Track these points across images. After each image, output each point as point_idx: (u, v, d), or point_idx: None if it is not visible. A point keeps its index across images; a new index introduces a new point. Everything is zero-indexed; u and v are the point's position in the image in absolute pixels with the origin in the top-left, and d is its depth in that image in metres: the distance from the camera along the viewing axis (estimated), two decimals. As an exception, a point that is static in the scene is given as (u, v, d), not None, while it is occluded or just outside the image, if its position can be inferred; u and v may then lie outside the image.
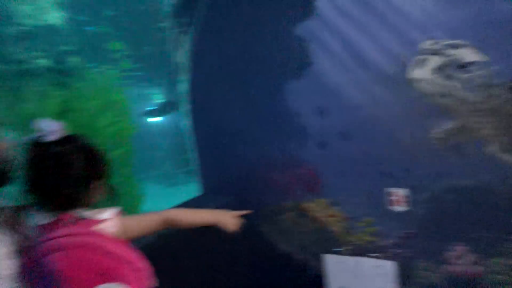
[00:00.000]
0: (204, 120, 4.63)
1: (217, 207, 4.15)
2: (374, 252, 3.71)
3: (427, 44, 2.26)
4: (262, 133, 4.12)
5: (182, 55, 4.69)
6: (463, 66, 2.11)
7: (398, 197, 3.54)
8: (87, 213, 1.44)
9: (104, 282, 1.25)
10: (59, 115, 8.52)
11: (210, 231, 4.12)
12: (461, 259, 3.33)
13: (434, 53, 2.14)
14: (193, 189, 5.44)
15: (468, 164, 3.12)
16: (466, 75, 2.09)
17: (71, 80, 9.12)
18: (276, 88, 3.87)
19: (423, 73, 2.15)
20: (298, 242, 4.16)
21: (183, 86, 4.75)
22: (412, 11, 2.97)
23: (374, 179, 3.57)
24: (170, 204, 3.89)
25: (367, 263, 3.80)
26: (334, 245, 3.94)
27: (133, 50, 10.13)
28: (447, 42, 2.21)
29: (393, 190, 3.55)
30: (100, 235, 1.37)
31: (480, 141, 2.92)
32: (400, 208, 3.55)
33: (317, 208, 4.04)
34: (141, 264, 1.43)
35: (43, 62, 8.57)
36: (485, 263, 3.18)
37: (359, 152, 3.61)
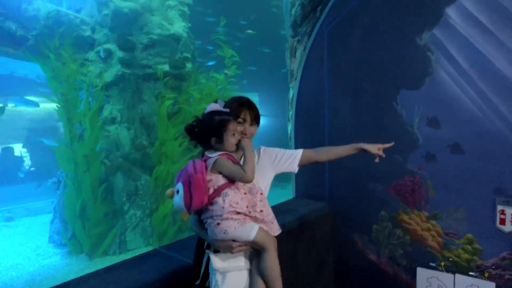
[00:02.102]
0: (306, 126, 4.81)
1: (308, 212, 4.30)
2: (472, 271, 3.60)
3: None
4: (367, 141, 4.21)
5: (295, 63, 5.04)
6: None
7: (509, 216, 3.42)
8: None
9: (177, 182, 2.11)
10: (171, 116, 9.36)
11: (302, 235, 4.28)
12: None
13: None
14: (287, 193, 5.63)
15: None
16: None
17: (185, 84, 10.02)
18: (390, 97, 3.93)
19: None
20: (390, 253, 4.13)
21: (291, 93, 5.01)
22: None
23: (483, 195, 3.46)
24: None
25: (464, 281, 3.63)
26: (429, 259, 3.84)
27: (246, 58, 10.74)
28: None
29: (504, 208, 3.44)
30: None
31: None
32: (509, 227, 3.40)
33: (415, 220, 4.01)
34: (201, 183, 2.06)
35: (163, 67, 9.49)
36: None
37: (471, 167, 3.54)
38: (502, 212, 3.36)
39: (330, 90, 4.43)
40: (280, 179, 4.64)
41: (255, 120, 2.36)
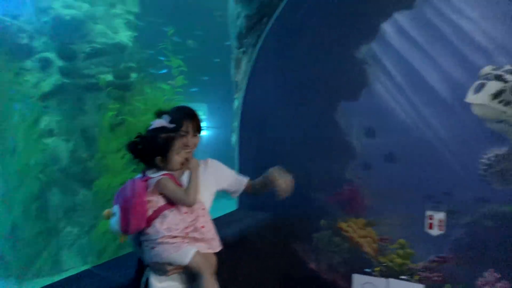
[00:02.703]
0: (251, 137, 4.81)
1: (251, 223, 4.31)
2: (405, 275, 3.76)
3: (488, 70, 2.49)
4: (308, 151, 4.30)
5: (240, 74, 5.09)
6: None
7: (437, 221, 3.65)
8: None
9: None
10: (114, 127, 9.08)
11: (244, 248, 4.27)
12: (491, 286, 3.35)
13: (494, 78, 2.34)
14: (230, 204, 5.60)
15: (511, 190, 3.23)
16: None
17: (130, 95, 9.79)
18: (331, 108, 4.05)
19: (481, 98, 2.32)
20: (329, 260, 4.21)
21: (236, 104, 5.02)
22: (475, 36, 3.19)
23: (414, 201, 3.65)
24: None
25: (396, 285, 3.80)
26: (365, 265, 3.98)
27: (192, 68, 10.73)
28: (507, 68, 2.44)
29: (432, 213, 3.66)
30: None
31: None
32: (437, 231, 3.64)
33: (353, 227, 4.15)
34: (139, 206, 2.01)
35: (106, 77, 9.25)
36: (519, 291, 3.21)
37: (403, 175, 3.72)
38: (430, 217, 3.57)
39: (275, 102, 4.50)
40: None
41: (198, 130, 2.32)
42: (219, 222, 2.26)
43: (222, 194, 2.65)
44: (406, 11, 3.52)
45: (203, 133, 2.38)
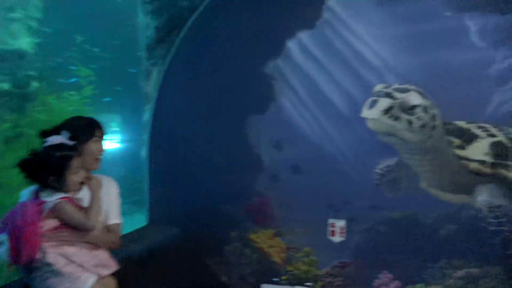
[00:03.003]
0: (161, 150, 4.71)
1: (161, 238, 4.22)
2: (310, 281, 3.93)
3: (379, 87, 2.75)
4: (219, 164, 4.31)
5: (150, 86, 5.04)
6: (409, 109, 2.56)
7: (338, 228, 3.88)
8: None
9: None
10: (10, 140, 8.30)
11: (153, 264, 4.15)
12: (386, 286, 3.61)
13: (385, 95, 2.59)
14: (139, 220, 5.40)
15: (400, 198, 3.53)
16: (410, 117, 2.56)
17: (30, 105, 9.05)
18: (240, 122, 4.14)
19: (374, 113, 2.54)
20: (240, 272, 4.23)
21: (146, 116, 4.85)
22: (370, 57, 3.52)
23: (318, 210, 3.84)
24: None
25: (301, 291, 3.97)
26: (274, 275, 4.06)
27: (105, 77, 10.25)
28: (396, 86, 2.71)
29: (334, 221, 3.89)
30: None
31: (414, 177, 3.45)
32: (338, 238, 3.87)
33: (263, 238, 4.25)
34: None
35: (2, 86, 8.49)
36: (409, 290, 3.56)
37: (308, 185, 3.90)
38: (333, 225, 3.79)
39: (186, 114, 4.46)
40: (138, 203, 4.46)
41: (101, 138, 2.13)
42: (126, 239, 2.13)
43: (130, 209, 2.55)
44: (309, 31, 3.77)
45: (115, 146, 2.23)
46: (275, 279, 4.03)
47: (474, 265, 3.33)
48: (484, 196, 2.84)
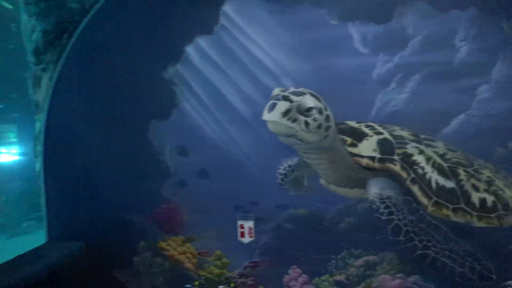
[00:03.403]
0: (57, 162, 4.39)
1: (62, 256, 3.95)
2: (223, 284, 3.95)
3: (277, 91, 2.82)
4: (123, 173, 4.15)
5: (41, 93, 4.67)
6: (305, 111, 2.67)
7: (247, 229, 3.95)
8: None
9: None
10: None
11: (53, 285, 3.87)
12: (295, 281, 3.78)
13: (283, 98, 2.67)
14: (40, 238, 5.01)
15: (304, 195, 3.72)
16: (307, 118, 2.67)
17: None
18: (143, 128, 4.01)
19: (274, 116, 2.61)
20: (152, 283, 4.13)
21: (38, 126, 4.48)
22: (267, 62, 3.64)
23: (227, 213, 3.88)
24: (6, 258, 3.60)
25: (216, 294, 4.00)
26: (187, 281, 4.03)
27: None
28: (292, 90, 2.80)
29: (243, 222, 3.96)
30: None
31: (314, 175, 3.60)
32: (248, 239, 3.95)
33: (173, 245, 4.18)
34: None
35: None
36: (315, 282, 3.70)
37: (216, 189, 3.90)
38: (242, 226, 3.86)
39: (84, 122, 4.21)
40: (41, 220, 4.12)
41: None
42: (20, 261, 1.95)
43: (32, 227, 2.32)
44: (207, 36, 3.78)
45: (14, 158, 2.03)
46: (187, 286, 4.00)
47: (371, 253, 3.61)
48: (375, 189, 3.07)
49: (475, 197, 2.88)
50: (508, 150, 3.30)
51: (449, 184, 2.90)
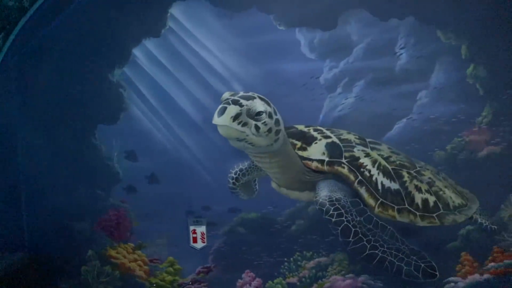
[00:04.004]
0: None
1: (4, 268, 3.75)
2: (175, 290, 3.90)
3: (227, 95, 2.80)
4: (69, 179, 3.99)
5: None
6: (255, 115, 2.67)
7: (199, 234, 3.90)
8: None
9: None
10: None
11: None
12: (249, 285, 3.76)
13: (233, 103, 2.66)
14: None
15: (255, 199, 3.65)
16: (257, 123, 2.67)
17: None
18: (89, 132, 3.91)
19: (224, 120, 2.59)
20: (100, 293, 4.05)
21: None
22: (216, 66, 3.63)
23: (178, 219, 3.82)
24: None
25: (165, 302, 3.93)
26: (138, 289, 4.00)
27: None
28: (242, 94, 2.79)
29: (195, 227, 3.91)
30: None
31: (265, 178, 3.61)
32: (200, 244, 3.89)
33: (123, 253, 4.05)
34: None
35: None
36: (268, 285, 3.72)
37: (167, 194, 3.83)
38: (194, 232, 3.81)
39: (23, 127, 4.02)
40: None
41: None
42: None
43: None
44: (154, 39, 3.71)
45: None
46: (138, 294, 3.92)
47: (323, 255, 3.68)
48: (325, 191, 3.09)
49: (418, 197, 3.00)
50: (447, 152, 3.47)
51: (394, 185, 3.00)
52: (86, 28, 3.79)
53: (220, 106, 2.54)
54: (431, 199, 3.11)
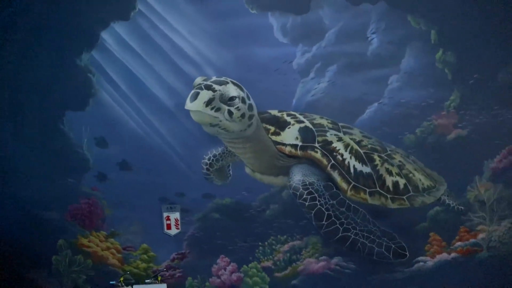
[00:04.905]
0: None
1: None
2: (150, 278, 3.85)
3: (199, 80, 2.75)
4: (36, 167, 3.86)
5: None
6: (228, 100, 2.65)
7: (173, 221, 3.87)
8: None
9: None
10: None
11: None
12: (224, 270, 3.77)
13: (206, 88, 2.62)
14: None
15: (229, 184, 3.71)
16: (230, 108, 2.65)
17: None
18: (57, 119, 3.78)
19: (197, 105, 2.56)
20: (74, 282, 3.93)
21: None
22: (187, 50, 3.56)
23: (152, 206, 3.79)
24: None
25: (139, 290, 3.90)
26: (112, 278, 3.87)
27: None
28: (215, 79, 2.76)
29: (169, 214, 3.88)
30: None
31: (239, 164, 3.60)
32: (174, 231, 3.87)
33: (95, 242, 3.99)
34: None
35: None
36: (243, 270, 3.72)
37: (139, 181, 3.78)
38: (168, 218, 3.78)
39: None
40: None
41: None
42: None
43: None
44: (123, 22, 3.60)
45: None
46: (112, 282, 3.85)
47: (296, 238, 3.72)
48: (298, 176, 3.13)
49: (389, 180, 3.07)
50: (417, 136, 3.54)
51: (366, 169, 3.06)
52: (50, 11, 3.63)
53: (193, 92, 2.51)
54: (401, 181, 3.18)
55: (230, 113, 2.51)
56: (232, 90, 2.53)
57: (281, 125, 3.21)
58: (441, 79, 3.44)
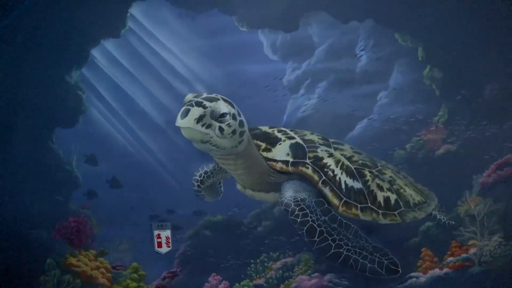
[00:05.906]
0: None
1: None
2: (140, 297, 3.82)
3: (190, 96, 2.77)
4: (25, 185, 3.80)
5: None
6: (219, 117, 2.65)
7: (164, 238, 3.83)
8: None
9: None
10: None
11: None
12: (215, 288, 3.83)
13: (196, 104, 2.63)
14: None
15: (220, 201, 3.66)
16: (221, 124, 2.66)
17: None
18: (46, 136, 3.78)
19: (187, 122, 2.56)
20: (61, 302, 3.90)
21: None
22: (178, 67, 3.63)
23: (142, 224, 3.76)
24: None
25: (129, 310, 3.84)
26: (101, 298, 3.87)
27: None
28: (205, 96, 2.77)
29: (160, 232, 3.84)
30: None
31: (230, 180, 3.61)
32: (165, 249, 3.83)
33: (84, 261, 3.93)
34: None
35: None
36: (235, 288, 3.78)
37: (129, 199, 3.79)
38: (158, 236, 3.72)
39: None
40: None
41: None
42: None
43: None
44: (113, 39, 3.64)
45: None
46: (101, 302, 3.81)
47: (289, 255, 3.70)
48: (290, 192, 3.11)
49: (380, 196, 3.06)
50: (407, 151, 3.58)
51: (357, 185, 3.05)
52: (40, 26, 3.64)
53: (183, 108, 2.49)
54: (393, 197, 3.19)
55: (221, 129, 2.50)
56: (223, 107, 2.53)
57: (272, 141, 3.21)
58: (429, 95, 3.50)
